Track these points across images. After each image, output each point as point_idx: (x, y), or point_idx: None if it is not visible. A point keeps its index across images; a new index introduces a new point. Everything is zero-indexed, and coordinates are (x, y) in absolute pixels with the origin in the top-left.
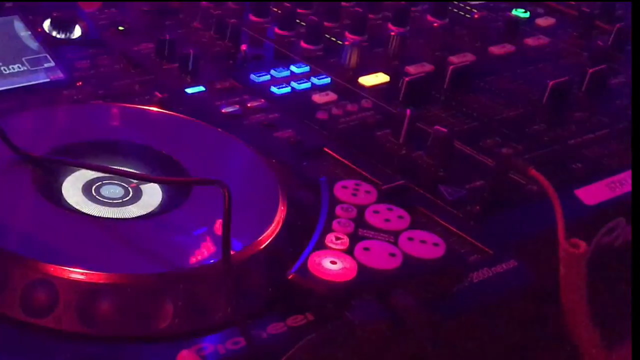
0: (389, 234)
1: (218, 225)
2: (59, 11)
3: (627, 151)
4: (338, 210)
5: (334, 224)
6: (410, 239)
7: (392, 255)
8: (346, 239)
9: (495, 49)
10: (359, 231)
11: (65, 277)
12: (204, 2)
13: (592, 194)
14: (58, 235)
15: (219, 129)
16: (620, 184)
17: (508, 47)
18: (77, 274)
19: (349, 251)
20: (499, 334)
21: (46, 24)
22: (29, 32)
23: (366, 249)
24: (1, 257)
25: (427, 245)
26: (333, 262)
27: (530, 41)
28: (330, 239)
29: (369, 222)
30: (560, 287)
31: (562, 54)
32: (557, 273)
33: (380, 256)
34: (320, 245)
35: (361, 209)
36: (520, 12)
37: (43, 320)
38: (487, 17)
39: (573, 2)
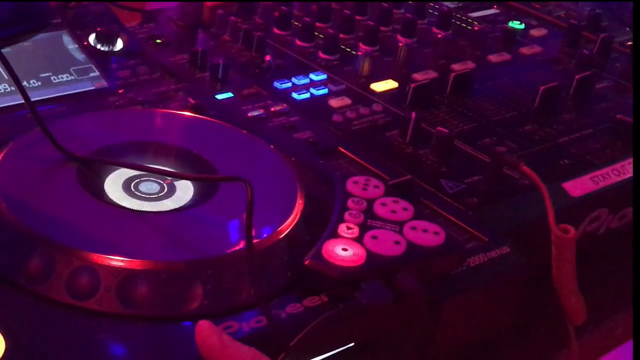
0: (394, 224)
1: (243, 218)
2: (103, 26)
3: (609, 148)
4: (350, 203)
5: (346, 215)
6: (413, 228)
7: (397, 242)
8: (356, 229)
9: (493, 57)
10: (368, 221)
11: (106, 264)
12: (232, 17)
13: (577, 186)
14: (100, 226)
15: (245, 131)
16: (602, 177)
17: (505, 56)
18: (116, 261)
19: (359, 239)
20: (493, 312)
21: (91, 38)
22: (76, 45)
23: (374, 237)
24: (49, 247)
25: (428, 234)
26: (344, 249)
27: (524, 50)
28: (342, 228)
29: (377, 214)
30: (552, 266)
31: (553, 62)
32: (544, 258)
33: (387, 243)
34: (334, 234)
35: (370, 202)
36: (516, 24)
37: (86, 302)
38: (486, 29)
39: (538, 6)
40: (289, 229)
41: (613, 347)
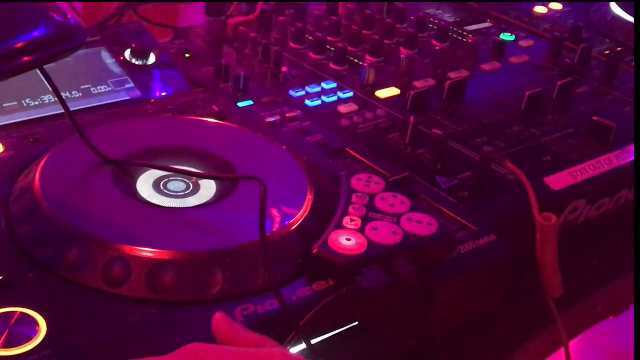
0: (392, 216)
1: (258, 212)
2: (137, 42)
3: (586, 146)
4: (353, 197)
5: (350, 208)
6: (409, 219)
7: (395, 232)
8: (359, 221)
9: (485, 66)
10: (369, 214)
11: (137, 254)
12: (252, 33)
13: (557, 180)
14: (131, 221)
15: (262, 135)
16: (580, 172)
17: (495, 64)
18: (146, 252)
19: (361, 230)
20: (480, 293)
21: (127, 53)
22: (113, 60)
23: (374, 228)
24: (86, 240)
25: (422, 224)
26: (348, 239)
27: (513, 59)
28: (346, 220)
29: (377, 207)
30: (537, 250)
31: (538, 69)
32: (528, 244)
33: (385, 233)
34: (339, 226)
35: (372, 197)
36: (506, 36)
37: (118, 289)
38: (480, 41)
39: (526, 19)
40: (299, 222)
41: (594, 323)
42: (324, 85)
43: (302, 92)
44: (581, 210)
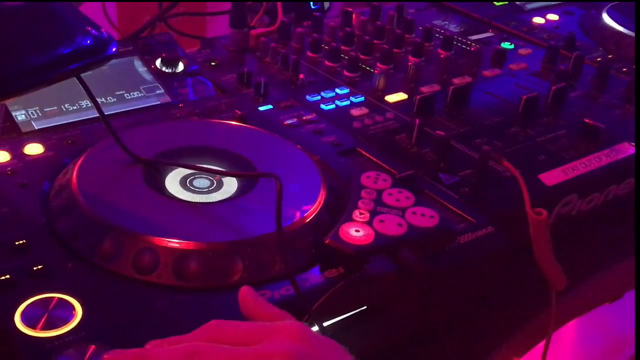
0: (398, 210)
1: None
2: (167, 52)
3: (578, 146)
4: (363, 193)
5: (359, 203)
6: (413, 213)
7: (400, 225)
8: (367, 214)
9: (487, 72)
10: (377, 208)
11: (165, 245)
12: (273, 43)
13: (551, 177)
14: (160, 215)
15: (280, 136)
16: (572, 169)
17: (496, 71)
18: (173, 242)
19: (369, 222)
20: (478, 280)
21: (158, 62)
22: (145, 68)
23: (381, 220)
24: (118, 232)
25: (425, 217)
26: (357, 230)
27: (513, 66)
28: (356, 214)
29: (384, 202)
30: (532, 242)
31: (535, 75)
32: (523, 236)
33: (391, 226)
34: (349, 219)
35: (379, 192)
36: (506, 45)
37: (148, 277)
38: (482, 49)
39: (525, 29)
40: (313, 215)
41: (587, 310)
42: (337, 90)
43: (318, 97)
44: (573, 204)
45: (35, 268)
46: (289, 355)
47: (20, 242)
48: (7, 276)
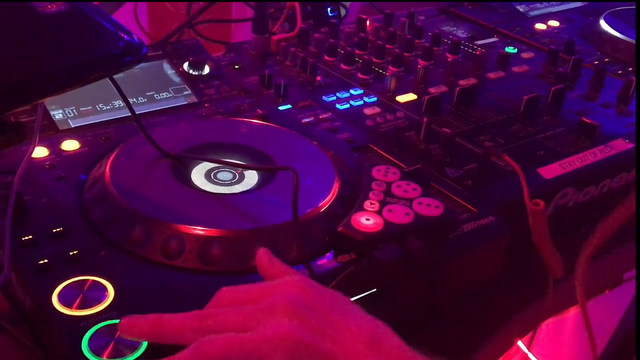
0: (406, 200)
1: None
2: (194, 56)
3: (575, 142)
4: (373, 185)
5: (370, 194)
6: (420, 203)
7: (407, 214)
8: (377, 204)
9: (491, 75)
10: (387, 199)
11: (190, 232)
12: (292, 48)
13: (549, 171)
14: (186, 205)
15: (298, 133)
16: (569, 164)
17: (500, 73)
18: (198, 230)
19: (379, 212)
20: (480, 266)
21: (185, 65)
22: (174, 71)
23: (390, 210)
24: (148, 220)
25: (431, 207)
26: (368, 219)
27: (515, 69)
28: (367, 204)
29: (393, 193)
30: (531, 231)
31: (537, 77)
32: (522, 225)
33: (399, 215)
34: (360, 208)
35: (389, 184)
36: (510, 49)
37: (174, 261)
38: (487, 53)
39: (528, 34)
40: (327, 205)
41: (586, 296)
42: (352, 91)
43: (334, 98)
44: (570, 196)
45: (71, 253)
46: (290, 306)
47: (58, 229)
48: (46, 260)
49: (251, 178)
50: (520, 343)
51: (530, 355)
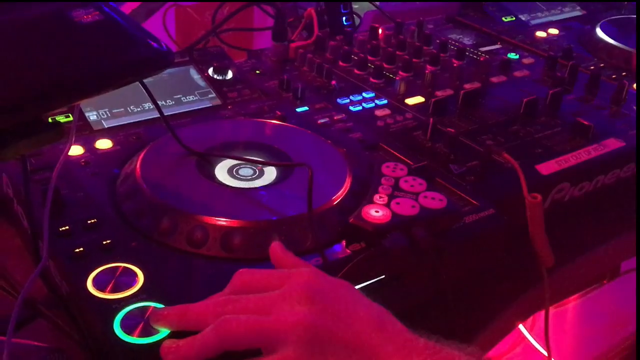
0: (412, 194)
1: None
2: (218, 62)
3: (570, 141)
4: (382, 180)
5: (379, 188)
6: (425, 197)
7: (413, 207)
8: (386, 198)
9: (494, 79)
10: (394, 193)
11: (214, 223)
12: (309, 55)
13: (546, 167)
14: (210, 199)
15: (314, 133)
16: (565, 161)
17: (502, 78)
18: (221, 221)
19: (387, 205)
20: (480, 254)
21: (210, 70)
22: (199, 76)
23: (397, 203)
24: (175, 212)
25: (435, 200)
26: (377, 211)
27: (517, 73)
28: (376, 197)
29: (401, 187)
30: (528, 225)
31: (536, 81)
32: (520, 218)
33: (406, 207)
34: (370, 201)
35: (397, 180)
36: (512, 55)
37: (199, 249)
38: (490, 59)
39: (529, 41)
40: (340, 198)
41: (582, 286)
42: (364, 94)
43: (347, 100)
44: (566, 191)
45: (104, 242)
46: (306, 293)
47: (92, 220)
48: (81, 249)
49: (270, 174)
50: (522, 327)
51: (531, 339)
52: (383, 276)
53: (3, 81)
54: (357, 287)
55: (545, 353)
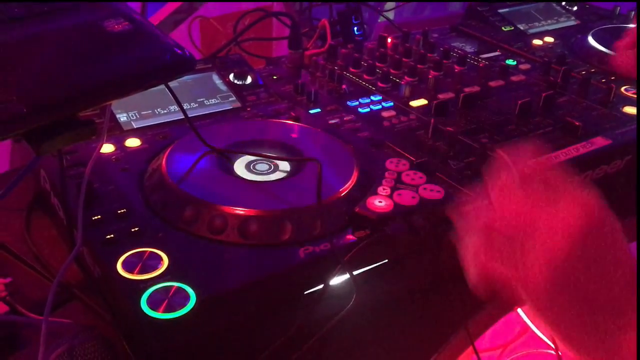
0: (413, 186)
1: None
2: (239, 68)
3: (560, 139)
4: (386, 174)
5: (383, 181)
6: (425, 189)
7: (414, 197)
8: (389, 189)
9: (492, 83)
10: (397, 185)
11: (232, 212)
12: (322, 61)
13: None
14: (229, 190)
15: (325, 132)
16: (555, 157)
17: (500, 82)
18: (239, 210)
19: (390, 196)
20: None
21: (231, 76)
22: (221, 81)
23: (399, 194)
24: (198, 203)
25: (434, 192)
26: (380, 202)
27: (514, 78)
28: (380, 189)
29: (403, 180)
30: None
31: (532, 85)
32: None
33: (407, 198)
34: (374, 193)
35: (399, 174)
36: (510, 61)
37: (219, 236)
38: (489, 65)
39: (526, 49)
40: (347, 190)
41: None
42: (372, 97)
43: (356, 103)
44: None
45: (133, 230)
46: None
47: (122, 210)
48: (112, 235)
49: (284, 168)
50: (520, 311)
51: (532, 326)
52: (386, 260)
53: (44, 83)
54: (362, 270)
55: (550, 343)
